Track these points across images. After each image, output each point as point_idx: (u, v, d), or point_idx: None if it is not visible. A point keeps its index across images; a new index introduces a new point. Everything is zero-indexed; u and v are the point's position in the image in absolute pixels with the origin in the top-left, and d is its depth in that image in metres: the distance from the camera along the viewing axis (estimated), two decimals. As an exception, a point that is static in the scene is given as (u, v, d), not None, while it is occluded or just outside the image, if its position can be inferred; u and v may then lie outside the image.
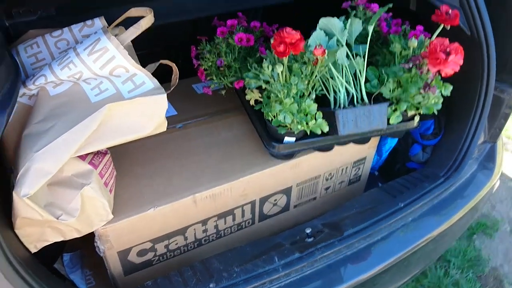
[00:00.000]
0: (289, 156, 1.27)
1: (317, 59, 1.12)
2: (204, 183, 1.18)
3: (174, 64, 1.21)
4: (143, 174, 1.20)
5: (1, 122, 0.88)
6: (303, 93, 1.17)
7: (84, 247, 1.37)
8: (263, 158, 1.28)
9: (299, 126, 1.12)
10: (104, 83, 1.01)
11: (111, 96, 0.99)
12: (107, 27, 1.14)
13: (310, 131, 1.19)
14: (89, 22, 1.13)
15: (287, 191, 1.36)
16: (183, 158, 1.27)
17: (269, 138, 1.24)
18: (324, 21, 1.21)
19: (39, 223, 0.94)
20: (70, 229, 0.99)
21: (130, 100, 0.96)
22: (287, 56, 1.08)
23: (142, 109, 0.98)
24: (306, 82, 1.13)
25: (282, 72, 1.10)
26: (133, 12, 1.09)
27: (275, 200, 1.35)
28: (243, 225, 1.35)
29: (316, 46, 1.08)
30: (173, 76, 1.24)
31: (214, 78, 1.32)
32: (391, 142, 1.59)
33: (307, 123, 1.13)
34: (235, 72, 1.31)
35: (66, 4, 1.21)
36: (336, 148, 1.32)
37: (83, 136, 0.92)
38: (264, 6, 1.71)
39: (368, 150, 1.46)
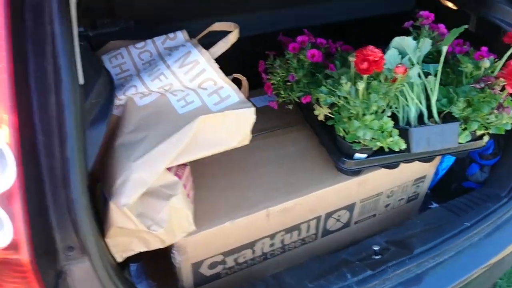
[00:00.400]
0: (357, 172, 1.27)
1: (395, 77, 1.13)
2: (277, 197, 1.19)
3: (245, 78, 1.23)
4: (215, 186, 1.21)
5: (101, 131, 0.89)
6: (377, 110, 1.17)
7: (147, 257, 1.37)
8: (330, 173, 1.28)
9: (378, 143, 1.12)
10: (190, 95, 1.02)
11: (197, 108, 1.01)
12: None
13: (380, 148, 1.19)
14: (171, 35, 1.15)
15: (350, 207, 1.36)
16: (251, 171, 1.27)
17: (339, 154, 1.24)
18: (397, 40, 1.23)
19: (130, 232, 0.94)
20: (156, 239, 0.99)
21: (221, 113, 0.97)
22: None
23: (231, 122, 0.99)
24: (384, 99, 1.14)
25: (362, 89, 1.11)
26: (216, 26, 1.11)
27: (338, 216, 1.35)
28: (306, 240, 1.35)
29: (397, 65, 1.09)
30: (242, 89, 1.25)
31: (282, 92, 1.34)
32: (448, 161, 1.58)
33: (384, 140, 1.13)
34: (303, 87, 1.32)
35: (145, 17, 1.23)
36: (401, 165, 1.32)
37: (178, 147, 0.93)
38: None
39: (429, 168, 1.46)
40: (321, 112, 1.25)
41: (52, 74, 0.79)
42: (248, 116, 0.99)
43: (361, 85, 1.09)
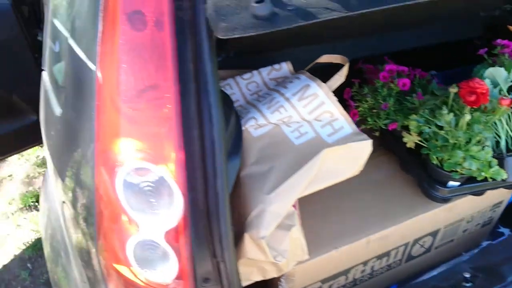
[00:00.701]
0: (447, 199, 1.29)
1: (495, 107, 1.15)
2: (375, 225, 1.20)
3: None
4: (315, 213, 1.22)
5: (237, 164, 0.91)
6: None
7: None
8: (419, 200, 1.30)
9: (482, 173, 1.14)
10: (303, 126, 1.04)
11: (312, 139, 1.02)
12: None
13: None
14: (276, 66, 1.18)
15: (434, 233, 1.37)
16: (344, 197, 1.28)
17: (432, 181, 1.26)
18: (491, 71, 1.25)
19: (253, 263, 0.95)
20: (274, 269, 1.00)
21: (345, 145, 0.99)
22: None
23: (351, 153, 1.01)
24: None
25: (466, 120, 1.13)
26: (324, 58, 1.14)
27: (423, 242, 1.37)
28: (391, 266, 1.36)
29: (502, 97, 1.12)
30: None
31: (369, 119, 1.36)
32: (519, 186, 1.60)
33: (487, 170, 1.15)
34: (391, 114, 1.34)
35: (243, 48, 1.25)
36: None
37: (307, 179, 0.94)
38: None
39: (506, 194, 1.47)
40: (410, 140, 1.27)
41: (195, 110, 0.80)
42: (365, 147, 1.01)
43: (467, 117, 1.11)
